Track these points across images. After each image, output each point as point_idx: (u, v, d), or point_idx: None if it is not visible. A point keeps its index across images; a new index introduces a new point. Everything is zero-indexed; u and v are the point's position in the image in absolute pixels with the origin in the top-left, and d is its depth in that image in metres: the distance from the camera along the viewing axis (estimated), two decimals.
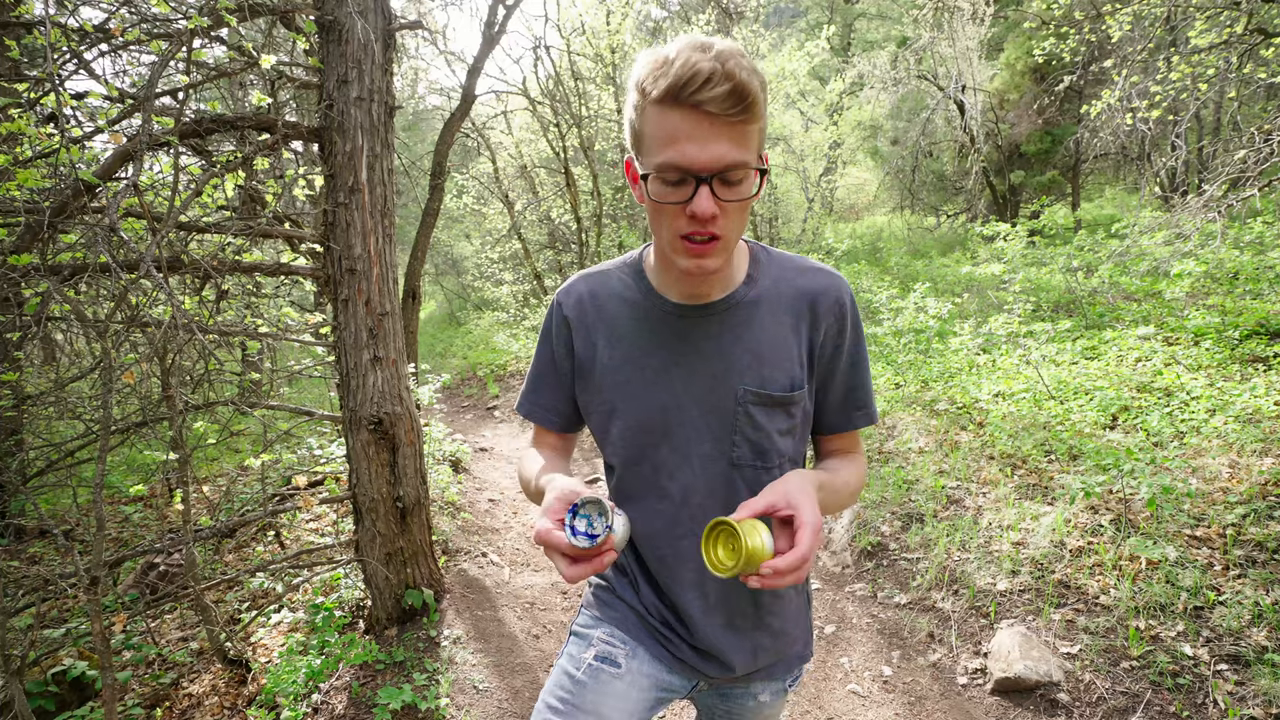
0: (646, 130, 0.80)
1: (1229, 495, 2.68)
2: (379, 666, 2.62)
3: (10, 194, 2.22)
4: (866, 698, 2.39)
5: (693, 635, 1.01)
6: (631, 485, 1.01)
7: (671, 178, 0.79)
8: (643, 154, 0.82)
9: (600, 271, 1.04)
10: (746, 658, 1.02)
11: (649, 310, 0.98)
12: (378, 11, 2.65)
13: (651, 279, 0.99)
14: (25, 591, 2.42)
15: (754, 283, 0.97)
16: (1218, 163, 6.50)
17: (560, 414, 1.07)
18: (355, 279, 2.63)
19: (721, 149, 0.77)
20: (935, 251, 11.14)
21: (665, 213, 0.82)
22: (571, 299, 1.03)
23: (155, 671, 2.75)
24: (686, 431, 0.96)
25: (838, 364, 0.99)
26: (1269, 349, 3.79)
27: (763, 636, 1.03)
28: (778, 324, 0.95)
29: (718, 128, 0.76)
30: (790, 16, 21.51)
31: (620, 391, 0.98)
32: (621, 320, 0.99)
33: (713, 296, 0.95)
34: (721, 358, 0.95)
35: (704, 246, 0.82)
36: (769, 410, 0.95)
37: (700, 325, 0.95)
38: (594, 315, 1.01)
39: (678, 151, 0.77)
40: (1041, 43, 7.21)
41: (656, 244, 0.92)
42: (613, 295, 1.01)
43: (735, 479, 0.96)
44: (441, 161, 6.33)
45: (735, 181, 0.80)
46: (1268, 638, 2.11)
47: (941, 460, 3.68)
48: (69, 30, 2.24)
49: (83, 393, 3.11)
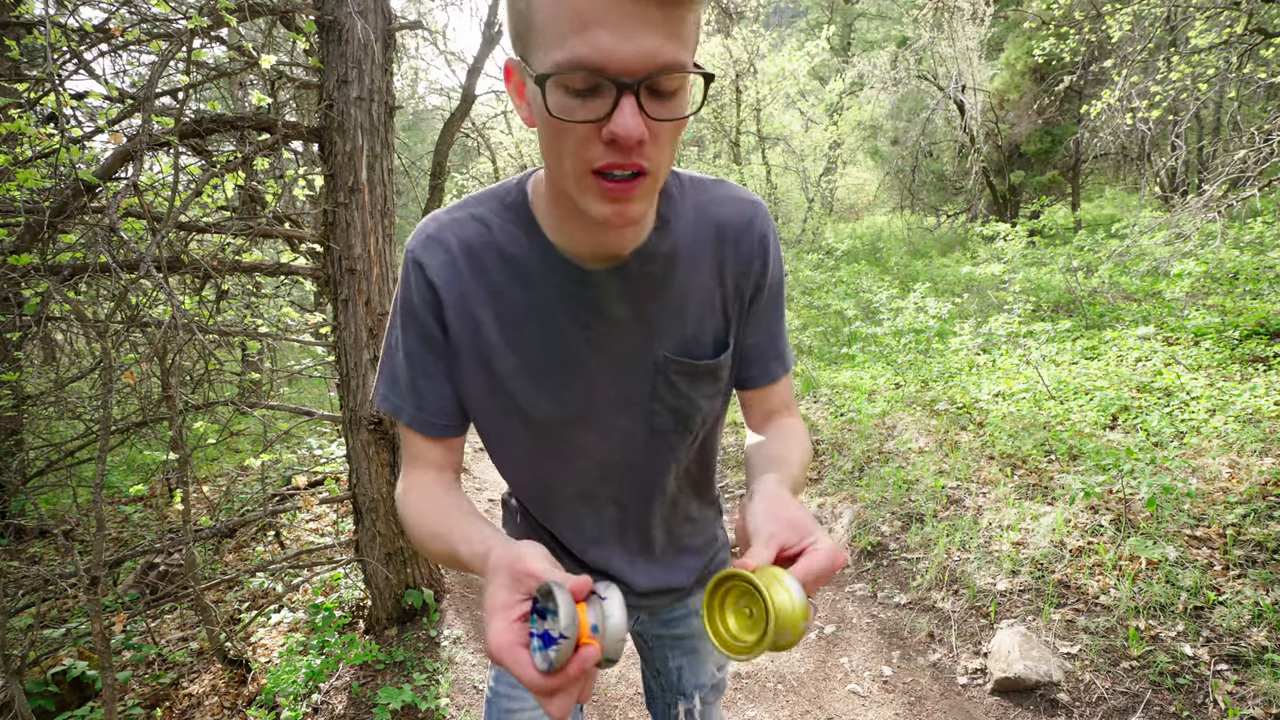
0: (539, 14, 0.55)
1: (1229, 495, 2.68)
2: (379, 666, 2.62)
3: (10, 194, 2.22)
4: (866, 698, 2.39)
5: (630, 586, 0.95)
6: (534, 473, 0.87)
7: (579, 84, 0.55)
8: (533, 50, 0.57)
9: (471, 216, 0.76)
10: (686, 577, 1.01)
11: (546, 274, 0.74)
12: (378, 11, 2.65)
13: (547, 230, 0.74)
14: (25, 591, 2.43)
15: (668, 227, 0.76)
16: (1218, 163, 6.51)
17: (453, 413, 0.81)
18: (355, 279, 2.63)
19: (652, 41, 0.53)
20: (935, 251, 11.15)
21: (570, 136, 0.58)
22: (437, 257, 0.75)
23: (155, 671, 2.75)
24: (601, 409, 0.81)
25: (758, 307, 0.83)
26: (1269, 349, 3.79)
27: (689, 556, 1.01)
28: (698, 274, 0.78)
29: (646, 8, 0.52)
30: (790, 16, 21.51)
31: (521, 380, 0.78)
32: (511, 288, 0.75)
33: (625, 252, 0.74)
34: (638, 325, 0.77)
35: (626, 185, 0.59)
36: (692, 379, 0.81)
37: (610, 290, 0.75)
38: (472, 281, 0.75)
39: (588, 43, 0.53)
40: (1041, 43, 7.22)
41: (552, 179, 0.68)
42: (496, 252, 0.75)
43: (657, 444, 0.85)
44: (441, 161, 6.32)
45: (669, 92, 0.57)
46: (1268, 638, 2.11)
47: (941, 460, 3.68)
48: (69, 30, 2.24)
49: (83, 393, 3.12)
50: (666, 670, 1.12)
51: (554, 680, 0.51)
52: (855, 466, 3.96)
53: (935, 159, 13.07)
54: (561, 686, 0.52)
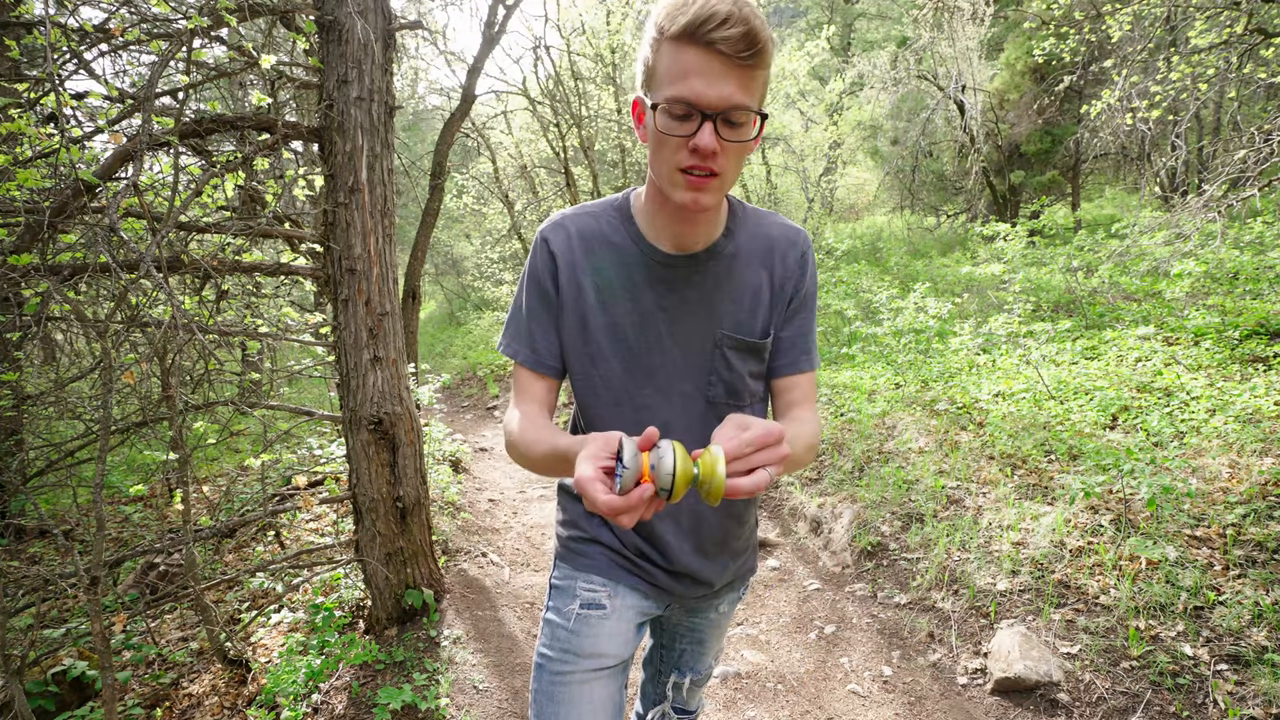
0: (660, 66, 0.84)
1: (1229, 495, 2.67)
2: (379, 666, 2.62)
3: (10, 194, 2.22)
4: (866, 698, 2.39)
5: (669, 561, 1.09)
6: (610, 424, 1.04)
7: (678, 111, 0.82)
8: (653, 89, 0.86)
9: (587, 213, 1.04)
10: (719, 575, 1.14)
11: (638, 257, 1.00)
12: (378, 11, 2.65)
13: (641, 225, 1.01)
14: (25, 591, 2.42)
15: (732, 235, 1.02)
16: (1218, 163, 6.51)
17: (557, 357, 1.05)
18: (355, 279, 2.63)
19: (729, 89, 0.80)
20: (935, 251, 11.14)
21: (668, 145, 0.85)
22: (559, 237, 1.02)
23: (155, 671, 2.75)
24: (669, 373, 1.02)
25: (796, 308, 1.06)
26: (1269, 349, 3.79)
27: (727, 558, 1.15)
28: (753, 274, 1.03)
29: (728, 68, 0.80)
30: (790, 16, 21.51)
31: (608, 337, 1.01)
32: (609, 265, 1.00)
33: (698, 247, 0.99)
34: (704, 306, 1.01)
35: (702, 180, 0.85)
36: (743, 354, 1.03)
37: (685, 274, 1.00)
38: (582, 256, 1.01)
39: (687, 86, 0.81)
40: (1041, 43, 7.21)
41: (653, 180, 0.94)
42: (600, 239, 1.01)
43: (709, 415, 1.04)
44: (441, 161, 6.33)
45: (738, 123, 0.83)
46: (1268, 638, 2.11)
47: (941, 460, 3.68)
48: (69, 30, 2.24)
49: (83, 393, 3.12)
50: (673, 648, 1.31)
51: (621, 502, 0.68)
52: (855, 466, 3.96)
53: (935, 159, 13.06)
54: (627, 508, 0.68)
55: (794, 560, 3.46)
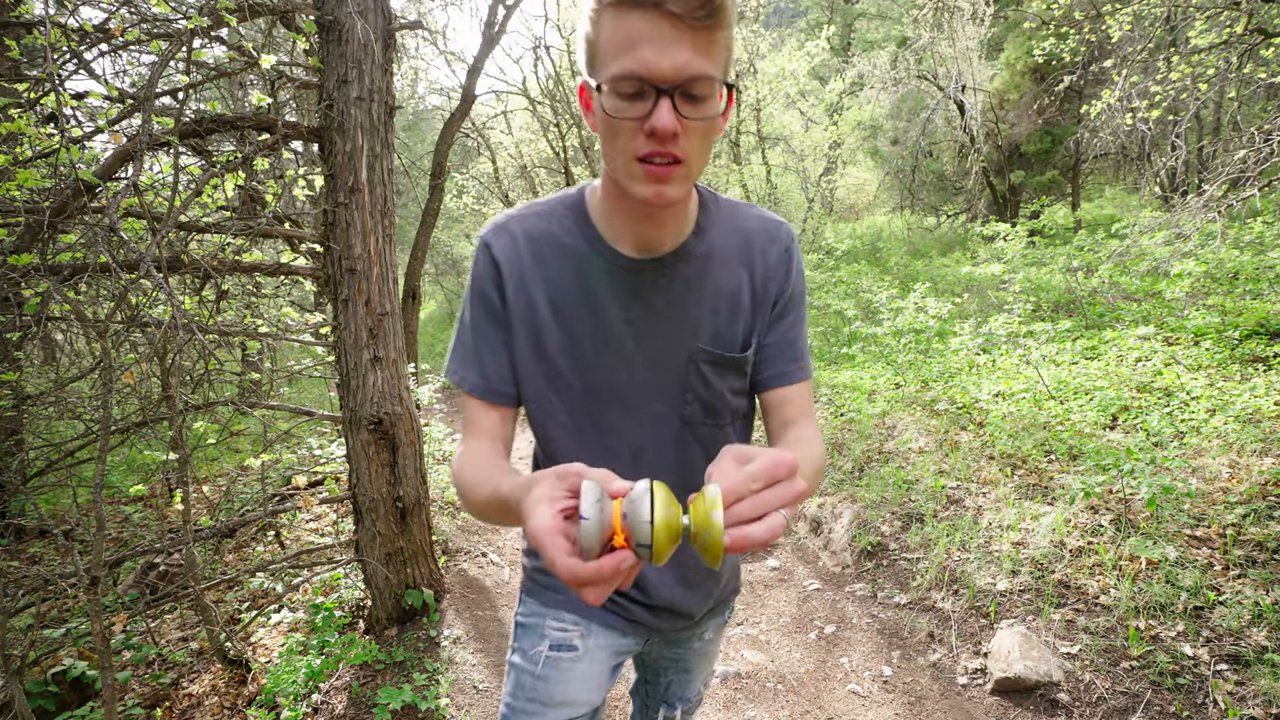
0: (602, 39, 0.71)
1: (1229, 495, 2.68)
2: (379, 666, 2.62)
3: (10, 194, 2.22)
4: (866, 698, 2.39)
5: (648, 595, 0.99)
6: (573, 449, 0.92)
7: (628, 89, 0.69)
8: (598, 69, 0.73)
9: (535, 212, 0.90)
10: (700, 604, 1.04)
11: (596, 263, 0.86)
12: (378, 11, 2.65)
13: (598, 225, 0.87)
14: (25, 591, 2.43)
15: (704, 233, 0.89)
16: (1218, 163, 6.51)
17: (510, 382, 0.90)
18: (355, 279, 2.63)
19: (684, 56, 0.68)
20: (935, 251, 11.15)
21: (621, 132, 0.72)
22: (503, 241, 0.88)
23: (155, 671, 2.75)
24: (638, 391, 0.90)
25: (781, 311, 0.93)
26: (1269, 349, 3.79)
27: (712, 585, 1.04)
28: (730, 276, 0.89)
29: (681, 31, 0.67)
30: (790, 16, 21.51)
31: (566, 356, 0.88)
32: (564, 274, 0.87)
33: (665, 247, 0.86)
34: (675, 315, 0.88)
35: (664, 170, 0.73)
36: (722, 370, 0.91)
37: (652, 280, 0.86)
38: (531, 264, 0.87)
39: (635, 58, 0.68)
40: (1041, 43, 7.22)
41: (609, 174, 0.81)
42: (552, 242, 0.87)
43: (687, 436, 0.92)
44: (441, 161, 6.33)
45: (699, 97, 0.71)
46: (1268, 638, 2.11)
47: (941, 460, 3.68)
48: (69, 30, 2.24)
49: (83, 393, 3.12)
50: (657, 682, 1.21)
51: (587, 570, 0.52)
52: (855, 466, 3.96)
53: (935, 159, 13.07)
54: (596, 578, 0.52)
55: (794, 560, 3.46)
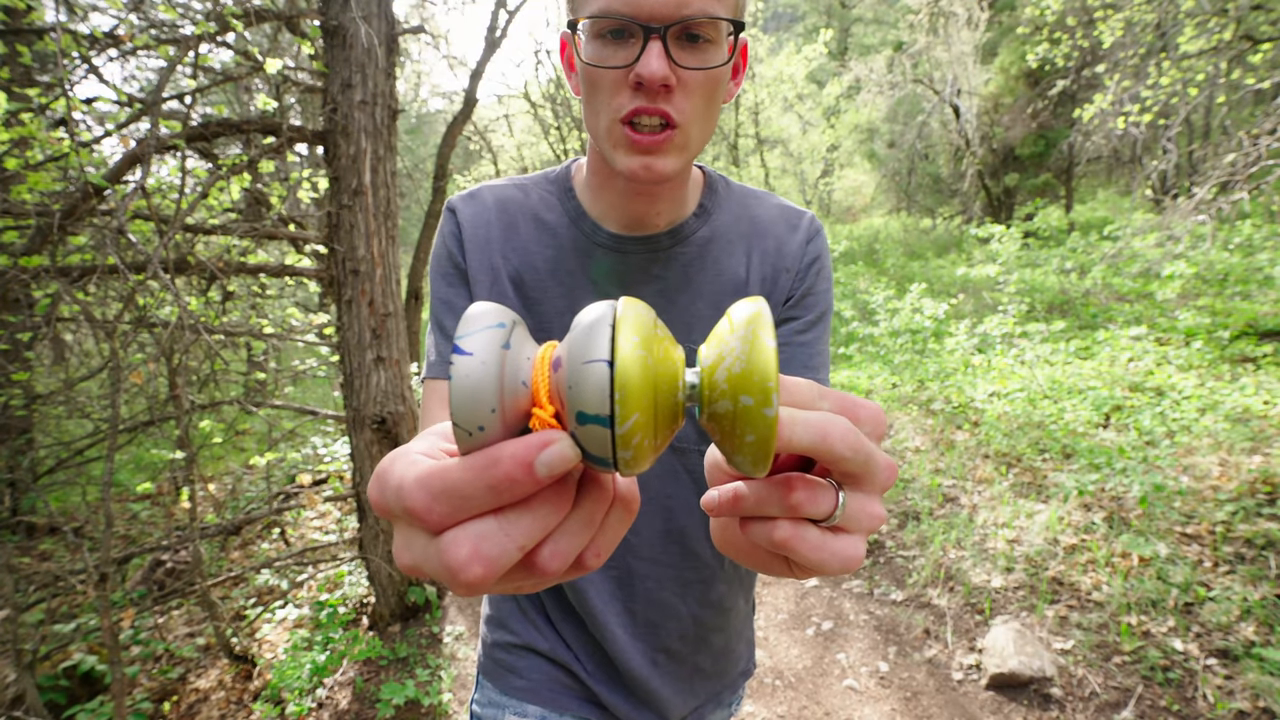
0: None
1: (1219, 493, 2.72)
2: (382, 662, 2.65)
3: (21, 197, 2.26)
4: (863, 693, 2.43)
5: (621, 673, 0.78)
6: None
7: (610, 28, 0.56)
8: (579, 11, 0.59)
9: (515, 184, 0.77)
10: (683, 694, 0.80)
11: (574, 239, 0.72)
12: (381, 16, 2.69)
13: (582, 198, 0.74)
14: (36, 587, 2.45)
15: (707, 214, 0.74)
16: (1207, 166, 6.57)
17: None
18: (359, 280, 2.67)
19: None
20: (931, 253, 11.21)
21: (602, 85, 0.59)
22: (471, 208, 0.74)
23: (163, 666, 2.77)
24: None
25: (795, 311, 0.75)
26: (1258, 349, 3.84)
27: (704, 659, 0.81)
28: (736, 267, 0.73)
29: None
30: (788, 21, 21.60)
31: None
32: (536, 247, 0.72)
33: (658, 226, 0.71)
34: (666, 307, 0.72)
35: (654, 137, 0.58)
36: None
37: (639, 263, 0.72)
38: (499, 232, 0.73)
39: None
40: (1035, 48, 7.29)
41: (591, 146, 0.69)
42: (527, 214, 0.74)
43: (675, 466, 0.73)
44: (444, 164, 6.36)
45: (701, 39, 0.57)
46: (1256, 632, 2.16)
47: (937, 459, 3.73)
48: (79, 36, 2.27)
49: (91, 392, 3.15)
50: None
51: (462, 472, 0.27)
52: None
53: (931, 162, 13.14)
54: (469, 488, 0.27)
55: None
